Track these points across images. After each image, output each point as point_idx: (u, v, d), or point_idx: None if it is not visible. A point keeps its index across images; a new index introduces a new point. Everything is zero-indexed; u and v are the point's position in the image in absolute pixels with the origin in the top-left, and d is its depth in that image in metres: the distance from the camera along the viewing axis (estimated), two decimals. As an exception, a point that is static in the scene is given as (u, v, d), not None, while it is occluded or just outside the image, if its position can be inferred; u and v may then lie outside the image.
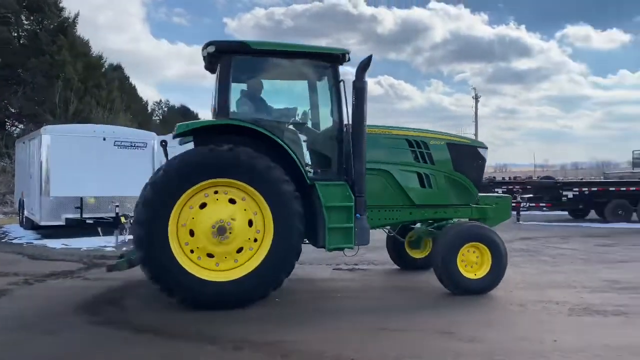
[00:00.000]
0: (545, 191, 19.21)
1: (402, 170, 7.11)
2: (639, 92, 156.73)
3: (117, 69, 38.68)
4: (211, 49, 6.43)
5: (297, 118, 7.03)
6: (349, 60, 6.74)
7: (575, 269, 8.84)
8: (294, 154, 6.27)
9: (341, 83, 6.66)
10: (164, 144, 6.82)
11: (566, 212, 19.70)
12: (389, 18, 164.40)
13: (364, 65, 6.47)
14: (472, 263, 6.73)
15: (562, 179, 25.92)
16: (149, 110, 46.39)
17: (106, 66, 34.98)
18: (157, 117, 49.85)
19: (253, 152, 5.96)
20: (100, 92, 29.96)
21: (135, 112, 36.60)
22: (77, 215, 12.85)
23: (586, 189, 18.31)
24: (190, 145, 6.62)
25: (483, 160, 7.70)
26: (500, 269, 6.73)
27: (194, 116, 51.08)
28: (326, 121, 6.97)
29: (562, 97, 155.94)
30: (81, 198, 12.87)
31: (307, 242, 6.49)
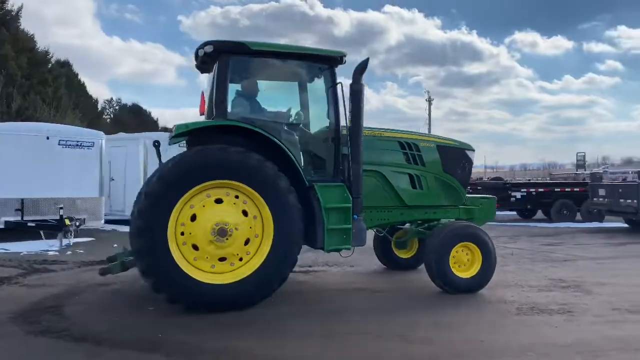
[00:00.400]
0: (495, 192, 19.68)
1: (394, 172, 7.23)
2: (582, 97, 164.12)
3: (65, 65, 37.15)
4: (209, 48, 6.32)
5: (292, 119, 6.98)
6: (344, 62, 6.76)
7: (522, 268, 9.07)
8: (293, 157, 6.22)
9: (338, 85, 6.64)
10: (157, 144, 6.70)
11: (515, 212, 20.33)
12: (345, 20, 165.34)
13: (361, 68, 6.48)
14: (463, 262, 6.89)
15: (510, 180, 26.74)
16: (100, 109, 44.81)
17: (53, 62, 33.59)
18: (107, 116, 48.22)
19: (272, 165, 5.93)
20: (46, 89, 28.66)
21: (84, 110, 35.23)
22: (18, 218, 12.21)
23: (533, 189, 18.94)
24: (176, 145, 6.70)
25: (470, 162, 7.95)
26: (489, 268, 6.92)
27: (147, 115, 49.95)
28: (323, 123, 6.93)
29: (511, 101, 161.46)
30: (22, 200, 12.26)
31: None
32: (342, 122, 6.64)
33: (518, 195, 18.77)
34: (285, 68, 6.94)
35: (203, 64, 6.87)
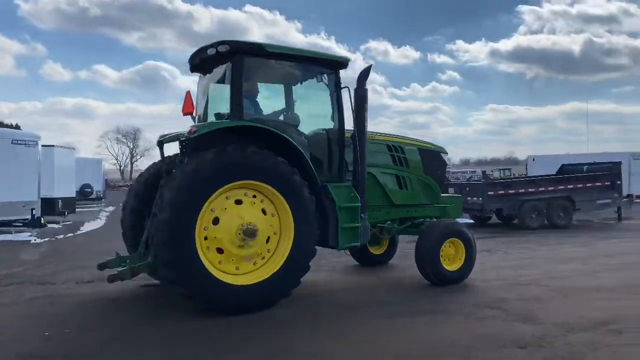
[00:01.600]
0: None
1: (383, 173, 7.68)
2: (427, 104, 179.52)
3: None
4: (224, 48, 6.23)
5: (296, 121, 7.04)
6: (346, 67, 7.04)
7: (384, 270, 9.02)
8: (307, 159, 6.36)
9: (345, 89, 6.87)
10: (161, 143, 6.87)
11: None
12: (206, 16, 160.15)
13: (365, 74, 6.83)
14: (450, 257, 7.48)
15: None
16: None
17: None
18: None
19: (288, 165, 6.08)
20: None
21: None
22: None
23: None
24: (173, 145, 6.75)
25: (445, 163, 8.69)
26: (471, 261, 7.60)
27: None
28: (326, 125, 7.06)
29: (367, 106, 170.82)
30: None
31: None
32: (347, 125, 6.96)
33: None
34: (292, 70, 7.06)
35: (203, 63, 6.75)
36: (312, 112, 7.32)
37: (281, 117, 7.07)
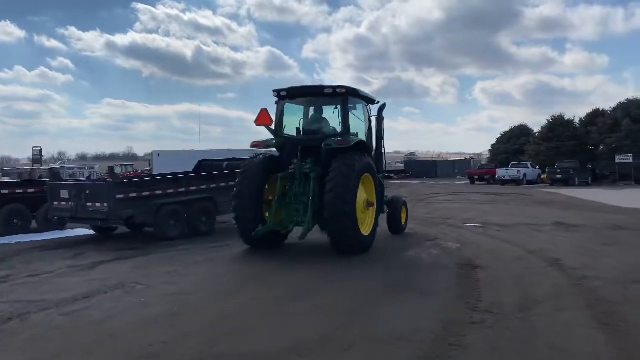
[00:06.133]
0: None
1: None
2: (36, 90, 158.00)
3: None
4: (342, 90, 10.20)
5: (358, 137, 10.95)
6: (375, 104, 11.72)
7: None
8: (374, 159, 11.06)
9: (374, 118, 11.44)
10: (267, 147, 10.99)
11: None
12: None
13: (382, 108, 11.36)
14: (402, 217, 12.78)
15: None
16: None
17: None
18: None
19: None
20: None
21: None
22: None
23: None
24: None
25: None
26: (407, 219, 13.30)
27: None
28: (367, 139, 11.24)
29: None
30: None
31: None
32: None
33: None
34: (353, 104, 10.91)
35: (298, 94, 10.92)
36: (358, 131, 11.13)
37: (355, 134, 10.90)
